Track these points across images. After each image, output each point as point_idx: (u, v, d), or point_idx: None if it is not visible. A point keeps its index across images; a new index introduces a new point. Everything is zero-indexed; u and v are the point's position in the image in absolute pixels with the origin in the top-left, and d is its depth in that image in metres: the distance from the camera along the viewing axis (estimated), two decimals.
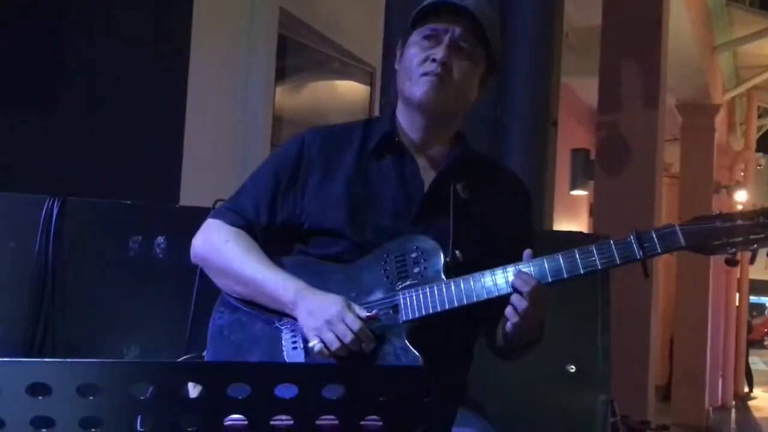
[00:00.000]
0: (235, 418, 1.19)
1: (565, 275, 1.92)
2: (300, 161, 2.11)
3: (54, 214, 2.81)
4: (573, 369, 3.02)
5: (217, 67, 5.07)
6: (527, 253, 1.94)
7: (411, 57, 2.08)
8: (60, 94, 3.58)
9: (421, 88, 2.05)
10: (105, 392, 1.15)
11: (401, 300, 1.96)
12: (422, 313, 1.94)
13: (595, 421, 3.02)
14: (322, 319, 1.90)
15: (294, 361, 1.94)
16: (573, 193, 9.01)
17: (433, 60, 2.04)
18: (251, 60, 5.41)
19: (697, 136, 11.71)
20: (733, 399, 15.04)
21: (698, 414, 11.41)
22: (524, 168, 3.33)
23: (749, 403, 16.02)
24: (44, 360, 1.20)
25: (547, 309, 1.93)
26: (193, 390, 1.20)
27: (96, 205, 2.94)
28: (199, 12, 4.24)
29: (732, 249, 1.90)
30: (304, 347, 1.95)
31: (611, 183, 7.15)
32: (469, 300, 1.93)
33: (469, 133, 2.22)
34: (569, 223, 11.76)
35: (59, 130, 3.52)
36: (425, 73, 2.05)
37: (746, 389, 17.03)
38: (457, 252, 2.02)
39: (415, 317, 1.94)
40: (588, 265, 1.92)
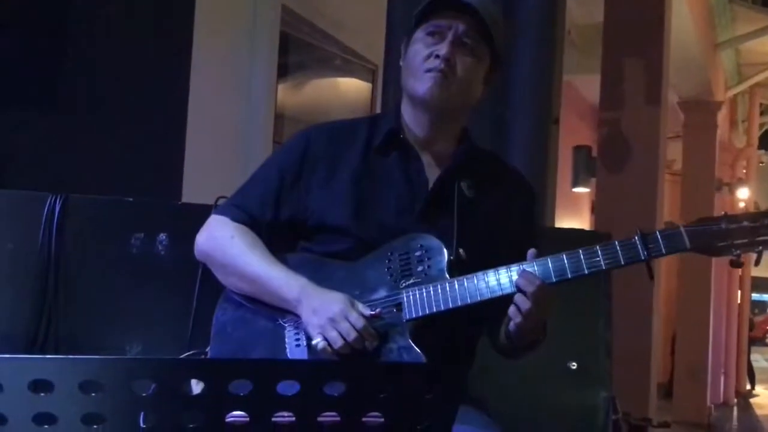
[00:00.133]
0: (237, 414, 1.19)
1: (570, 275, 1.92)
2: (304, 158, 2.11)
3: (56, 211, 2.81)
4: (575, 366, 3.02)
5: (219, 65, 5.07)
6: (531, 252, 1.94)
7: (415, 54, 2.08)
8: (62, 91, 3.58)
9: (424, 85, 2.05)
10: (107, 389, 1.15)
11: (405, 298, 1.96)
12: (426, 312, 1.94)
13: (596, 417, 3.02)
14: (326, 317, 1.90)
15: (297, 358, 1.94)
16: (575, 190, 9.01)
17: (436, 56, 2.04)
18: (253, 57, 5.41)
19: (699, 133, 11.70)
20: (734, 396, 15.04)
21: (700, 411, 11.41)
22: (526, 165, 3.32)
23: (751, 401, 16.02)
24: (46, 357, 1.20)
25: (552, 309, 1.93)
26: (197, 386, 1.20)
27: (98, 202, 2.94)
28: (201, 9, 4.23)
29: (737, 251, 1.90)
30: (307, 345, 1.95)
31: (613, 180, 7.14)
32: (473, 299, 1.93)
33: (470, 129, 2.22)
34: (571, 221, 11.76)
35: (61, 128, 3.52)
36: (429, 70, 2.05)
37: (748, 386, 17.03)
38: (461, 250, 2.01)
39: (419, 316, 1.94)
40: (592, 266, 1.91)
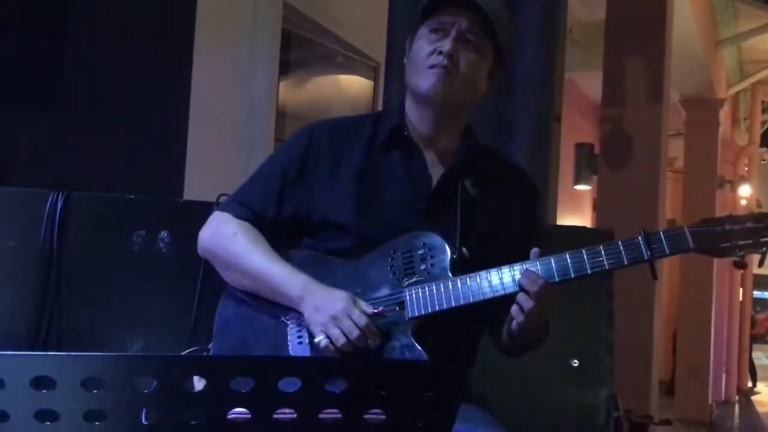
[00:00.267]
0: (239, 411, 1.19)
1: (573, 275, 1.91)
2: (308, 154, 2.11)
3: (58, 208, 2.81)
4: (576, 363, 3.02)
5: (221, 62, 5.06)
6: (534, 251, 1.93)
7: (418, 50, 2.08)
8: (63, 89, 3.58)
9: (428, 81, 2.05)
10: (109, 386, 1.15)
11: (407, 297, 1.96)
12: (428, 311, 1.94)
13: (597, 415, 3.02)
14: (328, 315, 1.90)
15: (299, 355, 1.94)
16: (577, 187, 9.00)
17: (439, 53, 2.04)
18: (255, 54, 5.40)
19: (701, 130, 11.69)
20: (736, 394, 15.03)
21: (701, 409, 11.40)
22: (528, 162, 3.32)
23: (752, 398, 16.00)
24: (48, 353, 1.20)
25: (554, 308, 1.93)
26: (199, 383, 1.20)
27: (100, 200, 2.94)
28: (203, 7, 4.23)
29: (740, 251, 1.90)
30: (309, 342, 1.95)
31: (615, 178, 7.14)
32: (476, 298, 1.93)
33: (473, 127, 2.22)
34: (573, 218, 11.75)
35: (63, 125, 3.53)
36: (432, 66, 2.04)
37: (749, 384, 17.02)
38: (464, 249, 2.01)
39: (421, 314, 1.94)
40: (596, 265, 1.91)
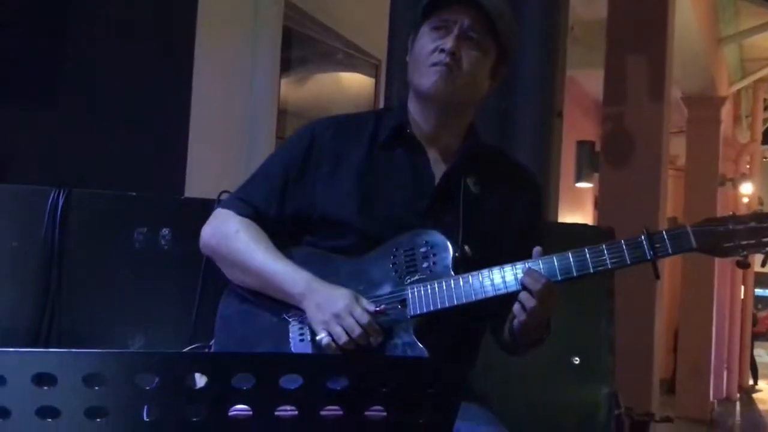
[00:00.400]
0: (240, 408, 1.19)
1: (575, 274, 1.91)
2: (310, 151, 2.11)
3: (60, 205, 2.81)
4: (577, 361, 3.02)
5: (222, 59, 5.06)
6: (537, 250, 1.93)
7: (420, 48, 2.08)
8: (64, 86, 3.58)
9: (430, 79, 2.04)
10: (110, 382, 1.16)
11: (409, 294, 1.96)
12: (430, 309, 1.94)
13: (599, 412, 3.02)
14: (330, 313, 1.90)
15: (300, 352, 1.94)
16: (578, 185, 8.99)
17: (441, 50, 2.03)
18: (256, 52, 5.40)
19: (702, 128, 11.68)
20: (737, 391, 15.03)
21: (702, 406, 11.40)
22: (529, 160, 3.31)
23: (754, 396, 16.00)
24: (50, 350, 1.20)
25: (556, 307, 1.93)
26: (200, 380, 1.20)
27: (101, 197, 2.95)
28: (204, 4, 4.23)
29: (743, 251, 1.89)
30: (311, 339, 1.95)
31: (616, 175, 7.13)
32: (478, 296, 1.93)
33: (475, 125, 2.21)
34: (574, 215, 11.75)
35: (64, 123, 3.53)
36: (434, 64, 2.04)
37: (751, 382, 17.02)
38: (466, 247, 2.01)
39: (423, 312, 1.94)
40: (598, 265, 1.91)
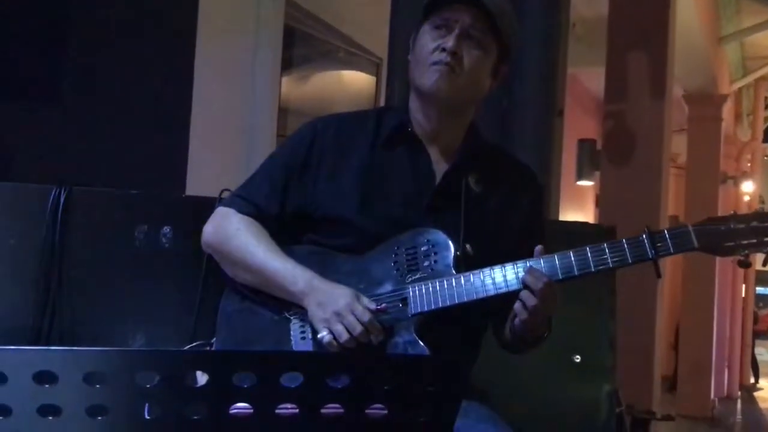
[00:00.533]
0: (241, 406, 1.19)
1: (576, 273, 1.91)
2: (311, 150, 2.11)
3: (60, 203, 2.81)
4: (578, 359, 3.02)
5: (224, 57, 5.06)
6: (538, 249, 1.93)
7: (421, 47, 2.08)
8: (65, 84, 3.58)
9: (431, 78, 2.04)
10: (111, 381, 1.16)
11: (410, 293, 1.96)
12: (431, 307, 1.94)
13: (600, 411, 3.02)
14: (332, 311, 1.90)
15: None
16: (579, 183, 8.99)
17: (442, 49, 2.03)
18: (257, 50, 5.40)
19: (703, 126, 11.68)
20: (738, 390, 15.03)
21: (703, 404, 11.41)
22: (530, 158, 3.31)
23: (755, 394, 16.00)
24: (50, 348, 1.20)
25: (556, 306, 1.93)
26: (201, 378, 1.20)
27: (102, 195, 2.94)
28: (205, 3, 4.23)
29: (745, 251, 1.89)
30: (312, 338, 1.95)
31: (617, 173, 7.13)
32: (479, 295, 1.93)
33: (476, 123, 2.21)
34: (575, 213, 11.75)
35: (65, 120, 3.53)
36: (435, 63, 2.04)
37: (752, 380, 17.02)
38: (467, 246, 2.01)
39: (424, 311, 1.94)
40: (599, 264, 1.91)
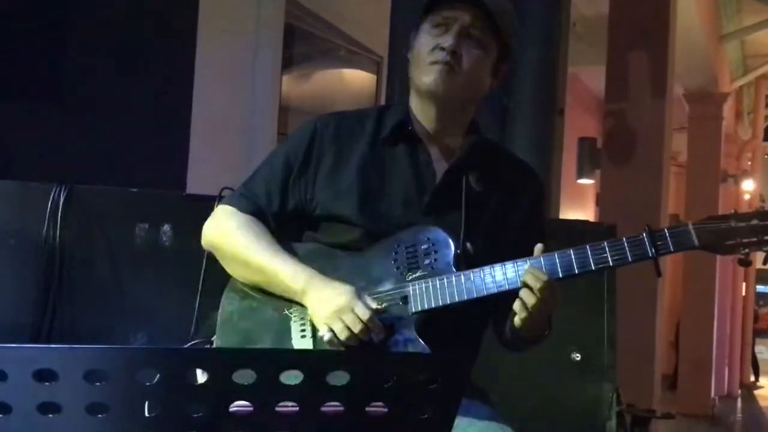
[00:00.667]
0: (241, 404, 1.19)
1: (576, 271, 1.91)
2: (312, 147, 2.10)
3: (61, 201, 2.82)
4: (579, 357, 3.02)
5: (224, 56, 5.07)
6: (539, 247, 1.93)
7: (421, 46, 2.07)
8: (66, 83, 3.59)
9: (430, 77, 2.04)
10: (111, 378, 1.16)
11: (411, 291, 1.95)
12: (431, 305, 1.93)
13: (600, 409, 3.02)
14: (332, 309, 1.90)
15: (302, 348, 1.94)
16: (579, 181, 9.00)
17: (441, 48, 2.03)
18: (258, 48, 5.40)
19: (704, 125, 11.69)
20: (738, 388, 15.04)
21: (704, 403, 11.42)
22: (531, 156, 3.32)
23: (755, 392, 16.01)
24: (50, 346, 1.20)
25: (556, 304, 1.93)
26: (202, 376, 1.21)
27: (103, 193, 2.95)
28: (206, 1, 4.24)
29: (745, 249, 1.89)
30: (312, 335, 1.95)
31: (618, 172, 7.14)
32: (479, 293, 1.92)
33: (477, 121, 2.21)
34: (575, 212, 11.76)
35: (66, 119, 3.53)
36: (434, 62, 2.03)
37: (752, 378, 17.04)
38: (468, 244, 2.01)
39: (425, 309, 1.93)
40: (600, 262, 1.91)
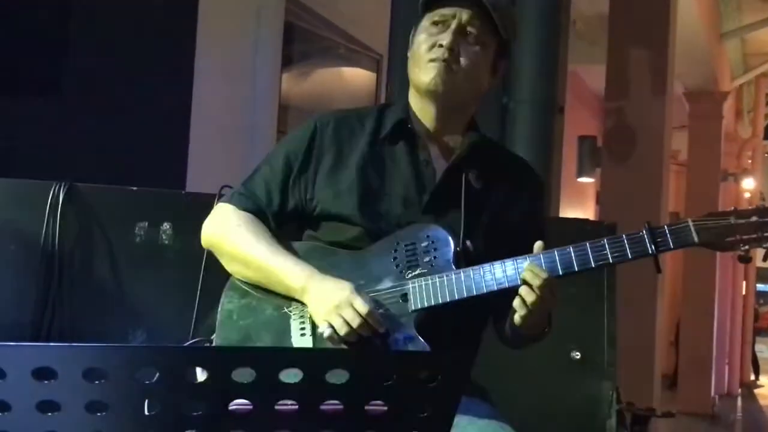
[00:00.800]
0: (240, 402, 1.19)
1: (576, 268, 1.91)
2: (312, 146, 2.10)
3: (60, 199, 2.82)
4: (578, 356, 3.02)
5: (224, 54, 5.06)
6: (538, 244, 1.93)
7: (419, 44, 2.08)
8: (65, 80, 3.59)
9: (428, 75, 2.04)
10: (111, 377, 1.15)
11: (410, 289, 1.95)
12: (431, 303, 1.93)
13: (600, 407, 3.02)
14: (331, 305, 1.90)
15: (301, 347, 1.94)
16: (580, 180, 9.01)
17: (439, 46, 2.03)
18: (258, 47, 5.40)
19: (704, 123, 11.69)
20: (739, 387, 15.05)
21: (704, 401, 11.42)
22: (530, 154, 3.32)
23: (755, 391, 16.04)
24: (49, 344, 1.20)
25: (556, 302, 1.93)
26: (201, 374, 1.21)
27: (102, 191, 2.95)
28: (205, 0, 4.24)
29: (745, 246, 1.89)
30: (312, 333, 1.95)
31: (618, 170, 7.14)
32: (479, 291, 1.92)
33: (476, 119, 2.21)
34: (576, 210, 11.76)
35: (66, 116, 3.53)
36: (432, 60, 2.04)
37: (752, 377, 17.06)
38: (467, 242, 2.01)
39: (424, 306, 1.94)
40: (599, 259, 1.91)
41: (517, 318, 1.93)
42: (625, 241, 1.91)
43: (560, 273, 1.91)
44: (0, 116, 3.39)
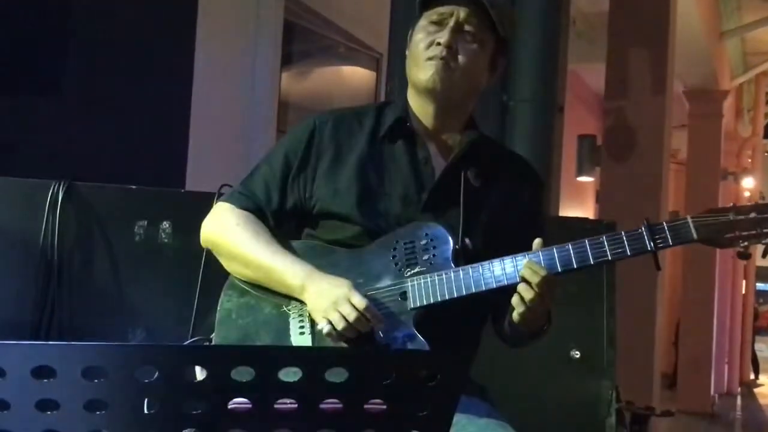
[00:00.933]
0: (240, 401, 1.19)
1: (575, 266, 1.91)
2: (311, 145, 2.11)
3: (60, 197, 2.82)
4: (578, 354, 3.02)
5: (223, 53, 5.06)
6: (537, 242, 1.93)
7: (417, 42, 2.08)
8: (65, 78, 3.58)
9: (426, 73, 2.04)
10: (110, 375, 1.15)
11: (409, 287, 1.95)
12: (430, 301, 1.93)
13: (599, 406, 3.02)
14: (329, 301, 1.90)
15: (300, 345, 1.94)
16: (579, 179, 9.00)
17: (437, 44, 2.03)
18: (257, 45, 5.40)
19: (704, 122, 11.68)
20: (738, 386, 15.06)
21: (703, 400, 11.42)
22: (530, 153, 3.32)
23: (755, 390, 16.04)
24: (49, 343, 1.20)
25: (555, 299, 1.93)
26: (200, 373, 1.20)
27: (102, 190, 2.95)
28: None
29: (744, 242, 1.89)
30: (311, 332, 1.95)
31: (618, 169, 7.14)
32: (478, 288, 1.92)
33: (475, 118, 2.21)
34: (575, 209, 11.76)
35: (65, 115, 3.53)
36: (430, 58, 2.04)
37: (752, 376, 17.06)
38: (466, 240, 2.01)
39: (423, 304, 1.94)
40: (598, 256, 1.90)
41: (516, 315, 1.93)
42: (624, 238, 1.90)
43: (559, 270, 1.90)
44: (0, 115, 3.39)
